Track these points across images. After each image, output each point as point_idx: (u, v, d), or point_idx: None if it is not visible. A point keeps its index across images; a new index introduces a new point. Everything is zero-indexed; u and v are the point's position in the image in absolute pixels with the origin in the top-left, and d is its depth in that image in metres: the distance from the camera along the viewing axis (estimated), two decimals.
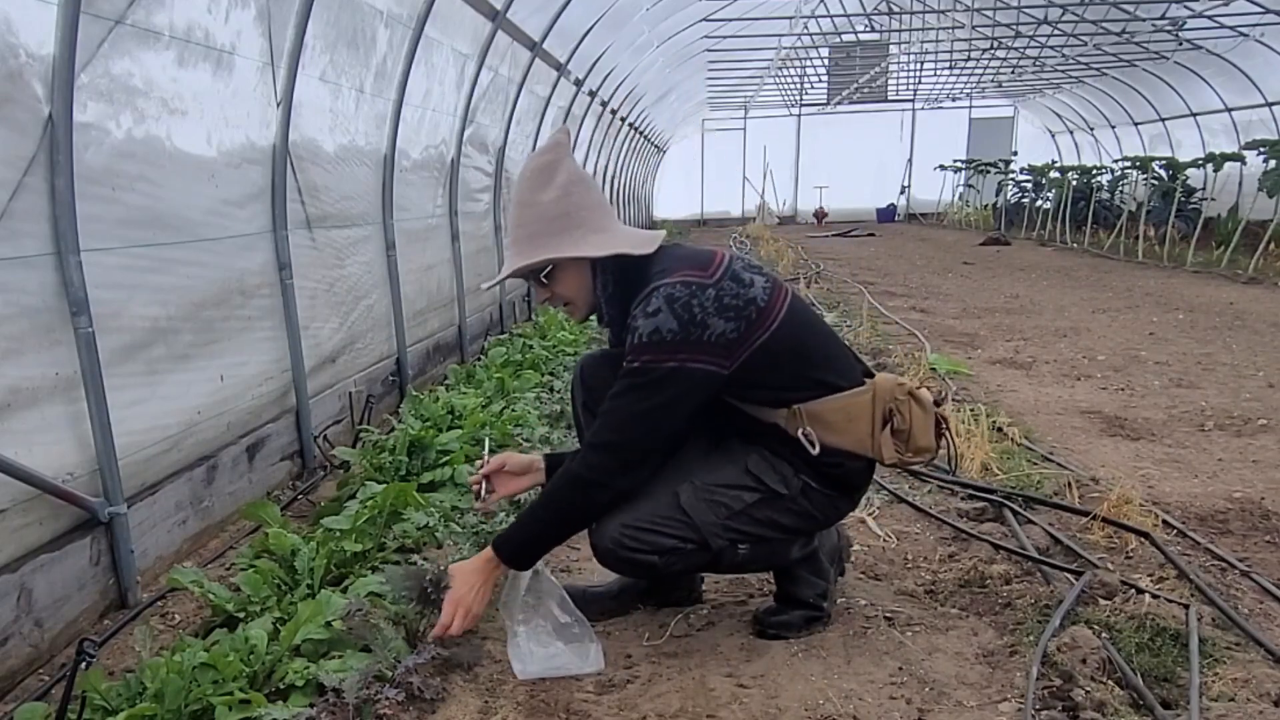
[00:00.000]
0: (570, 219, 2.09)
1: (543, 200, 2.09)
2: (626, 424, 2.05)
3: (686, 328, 1.98)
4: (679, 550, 2.11)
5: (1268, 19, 11.78)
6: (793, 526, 2.19)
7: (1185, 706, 1.92)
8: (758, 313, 2.05)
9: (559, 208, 2.09)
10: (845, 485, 2.22)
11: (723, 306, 2.01)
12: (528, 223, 2.11)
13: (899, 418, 2.13)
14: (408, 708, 1.97)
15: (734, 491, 2.13)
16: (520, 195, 2.12)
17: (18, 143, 2.23)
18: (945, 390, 4.81)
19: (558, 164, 2.12)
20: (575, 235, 2.09)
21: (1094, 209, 15.02)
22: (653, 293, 2.01)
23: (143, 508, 2.70)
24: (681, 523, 2.10)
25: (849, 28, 16.84)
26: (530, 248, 2.10)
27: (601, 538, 2.14)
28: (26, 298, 2.28)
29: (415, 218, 5.24)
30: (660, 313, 1.98)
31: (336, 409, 4.11)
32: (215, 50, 3.07)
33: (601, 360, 2.36)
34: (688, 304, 1.99)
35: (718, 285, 2.03)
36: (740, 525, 2.13)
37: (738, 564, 2.24)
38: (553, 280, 2.16)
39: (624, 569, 2.25)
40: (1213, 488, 3.41)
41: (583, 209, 2.10)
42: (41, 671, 2.26)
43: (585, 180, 2.14)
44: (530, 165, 2.15)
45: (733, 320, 2.02)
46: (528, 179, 2.12)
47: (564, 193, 2.09)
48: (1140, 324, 7.27)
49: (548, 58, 7.72)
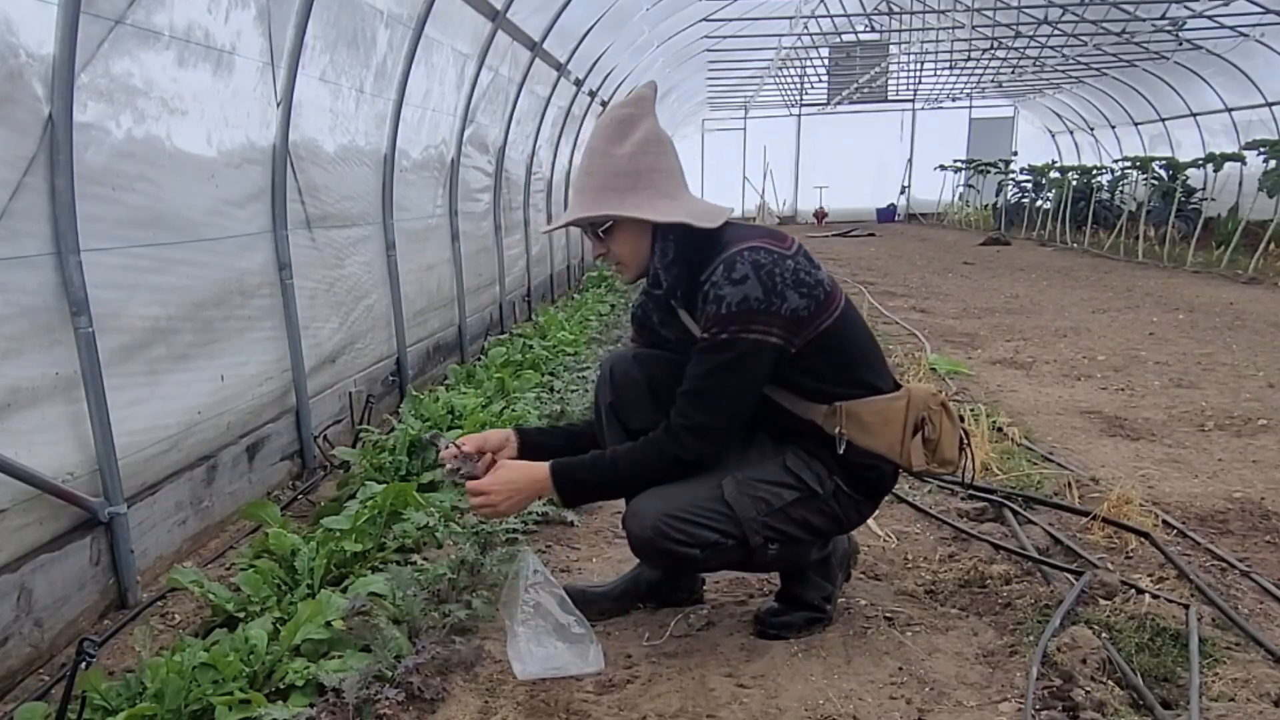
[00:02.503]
0: (640, 178, 2.03)
1: (616, 154, 2.03)
2: (720, 403, 2.02)
3: (769, 296, 1.95)
4: (719, 545, 2.07)
5: (1268, 19, 11.77)
6: (822, 528, 2.18)
7: (1185, 706, 1.92)
8: (825, 295, 2.05)
9: (631, 164, 2.03)
10: (873, 489, 2.21)
11: (799, 281, 1.99)
12: (596, 172, 2.05)
13: (930, 427, 2.13)
14: (408, 708, 1.97)
15: (775, 488, 2.10)
16: (594, 144, 2.07)
17: (18, 142, 2.23)
18: (945, 390, 4.81)
19: (638, 119, 2.06)
20: (642, 196, 2.03)
21: (1094, 209, 15.02)
22: (737, 257, 1.97)
23: (143, 508, 2.70)
24: (725, 516, 2.06)
25: (849, 28, 16.82)
26: (595, 200, 2.05)
27: (641, 526, 2.07)
28: (26, 297, 2.28)
29: (415, 218, 5.24)
30: (748, 280, 1.94)
31: (336, 409, 4.11)
32: (215, 50, 3.07)
33: (632, 361, 2.31)
34: (771, 271, 1.96)
35: (794, 259, 2.02)
36: (777, 523, 2.10)
37: (765, 563, 2.23)
38: (610, 237, 2.10)
39: (660, 560, 2.19)
40: (1213, 488, 3.41)
41: (655, 170, 2.05)
42: (41, 671, 2.26)
43: (663, 141, 2.08)
44: (610, 115, 2.08)
45: (806, 298, 2.00)
46: (605, 129, 2.06)
47: (639, 149, 2.03)
48: (1140, 324, 7.27)
49: (548, 58, 7.72)
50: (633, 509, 2.11)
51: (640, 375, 2.25)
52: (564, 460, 2.14)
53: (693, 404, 2.03)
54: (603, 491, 2.25)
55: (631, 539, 2.12)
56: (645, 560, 2.26)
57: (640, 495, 2.09)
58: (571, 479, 2.11)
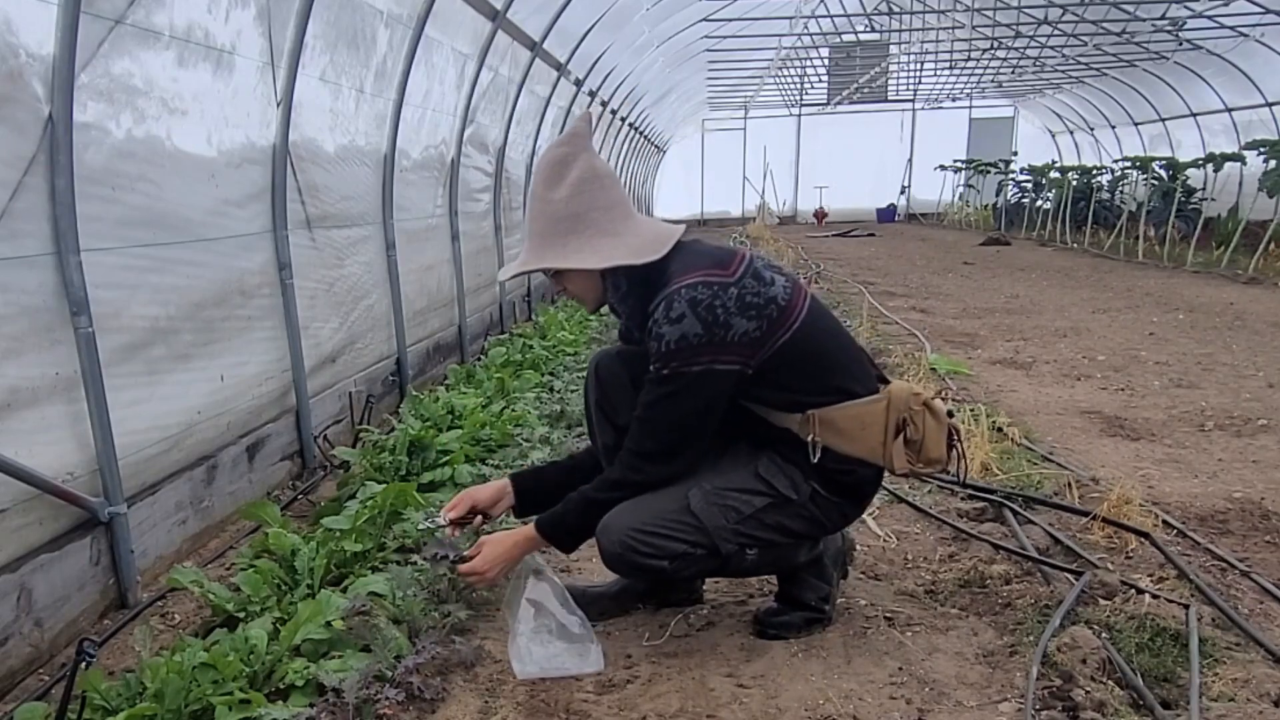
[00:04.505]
0: (579, 221, 2.04)
1: (553, 199, 2.04)
2: (664, 431, 2.07)
3: (710, 329, 1.96)
4: (688, 555, 2.10)
5: (1268, 19, 11.77)
6: (801, 532, 2.18)
7: (1185, 706, 1.92)
8: (779, 312, 2.03)
9: (569, 208, 2.04)
10: (854, 493, 2.20)
11: (745, 305, 1.99)
12: (538, 218, 2.07)
13: (912, 428, 2.11)
14: (408, 708, 1.97)
15: (744, 496, 2.11)
16: (534, 188, 2.09)
17: (18, 143, 2.23)
18: (946, 390, 4.81)
19: (573, 158, 2.05)
20: (583, 239, 2.04)
21: (1094, 209, 15.02)
22: (674, 296, 1.98)
23: (143, 507, 2.70)
24: (692, 527, 2.08)
25: (849, 28, 16.81)
26: (539, 249, 2.08)
27: (610, 542, 2.11)
28: (26, 297, 2.28)
29: (415, 218, 5.24)
30: (685, 318, 1.96)
31: (336, 409, 4.11)
32: (215, 50, 3.07)
33: (616, 358, 2.34)
34: (710, 305, 1.97)
35: (739, 284, 2.01)
36: (750, 530, 2.11)
37: (745, 569, 2.24)
38: (563, 278, 2.17)
39: (632, 573, 2.24)
40: (1213, 488, 3.41)
41: (594, 209, 2.04)
42: (41, 671, 2.26)
43: (600, 177, 2.06)
44: (545, 158, 2.09)
45: (755, 319, 2.00)
46: (543, 173, 2.07)
47: (575, 191, 2.03)
48: (1140, 324, 7.27)
49: (548, 58, 7.72)
50: (603, 524, 2.14)
51: (624, 372, 2.27)
52: (545, 516, 2.21)
53: (642, 430, 2.09)
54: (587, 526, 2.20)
55: (602, 554, 2.17)
56: (619, 574, 2.29)
57: (612, 511, 2.12)
58: (559, 527, 2.20)
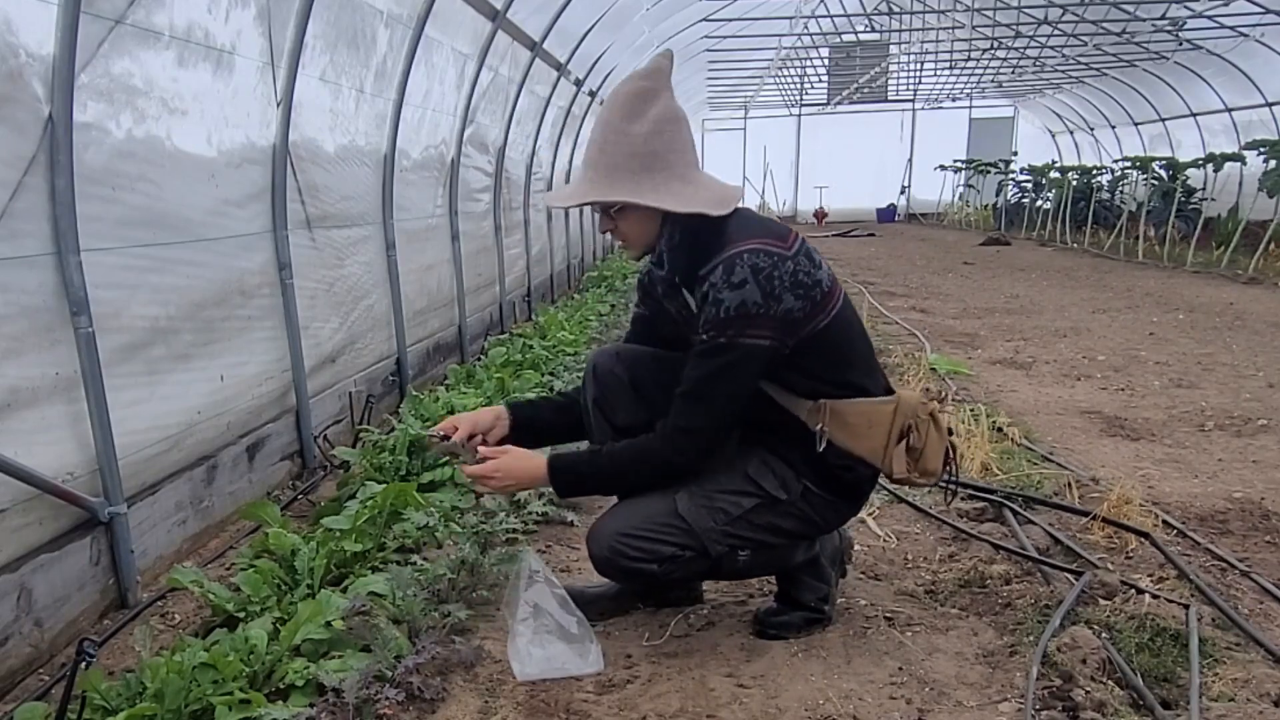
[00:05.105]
0: (656, 160, 1.97)
1: (632, 132, 1.96)
2: (714, 406, 2.01)
3: (767, 300, 1.92)
4: (678, 558, 2.09)
5: (1268, 19, 11.77)
6: (794, 531, 2.17)
7: (1185, 706, 1.92)
8: (822, 295, 2.02)
9: (647, 145, 1.96)
10: (850, 491, 2.20)
11: (797, 282, 1.96)
12: (611, 151, 1.98)
13: (915, 435, 2.11)
14: (408, 708, 1.97)
15: (733, 497, 2.11)
16: (609, 118, 1.99)
17: (18, 143, 2.22)
18: (945, 390, 4.81)
19: (655, 94, 1.98)
20: (658, 179, 1.97)
21: (1094, 209, 15.02)
22: (736, 259, 1.93)
23: (143, 507, 2.70)
24: (680, 529, 2.08)
25: (849, 28, 16.83)
26: (609, 182, 1.98)
27: (599, 546, 2.11)
28: (26, 297, 2.28)
29: (415, 218, 5.24)
30: (746, 284, 1.91)
31: (336, 409, 4.11)
32: (215, 50, 3.07)
33: (613, 358, 2.32)
34: (770, 275, 1.93)
35: (795, 259, 1.98)
36: (740, 531, 2.11)
37: (738, 570, 2.23)
38: (620, 217, 2.06)
39: (622, 577, 2.24)
40: (1213, 488, 3.41)
41: (671, 151, 1.99)
42: (41, 671, 2.26)
43: (679, 118, 2.01)
44: (625, 88, 2.00)
45: (802, 299, 1.97)
46: (621, 103, 1.98)
47: (655, 129, 1.96)
48: (1140, 324, 7.27)
49: (548, 58, 7.72)
50: (593, 530, 2.14)
51: (623, 372, 2.26)
52: (561, 455, 2.17)
53: (690, 406, 2.02)
54: (596, 486, 2.27)
55: (593, 559, 2.16)
56: (610, 579, 2.28)
57: (599, 518, 2.11)
58: (568, 473, 2.14)
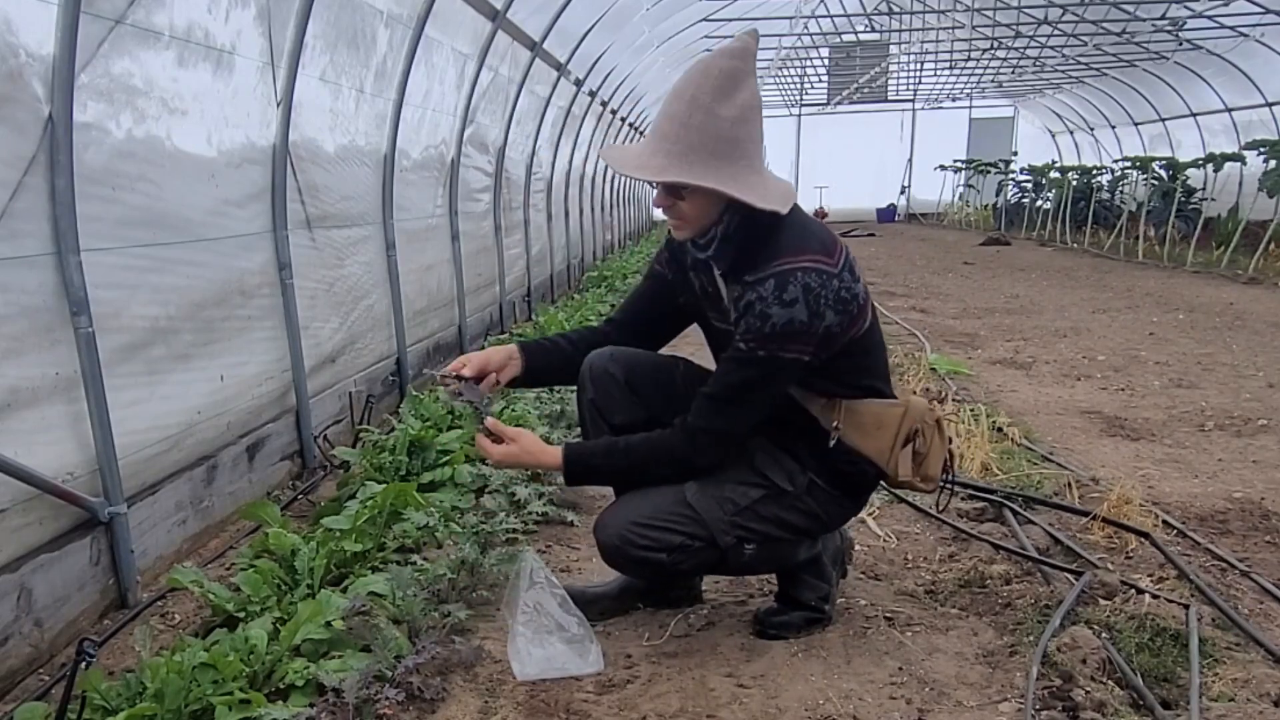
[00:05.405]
0: (737, 148, 1.91)
1: (720, 114, 1.89)
2: (744, 411, 2.02)
3: (812, 319, 1.92)
4: (686, 547, 2.10)
5: (1268, 19, 11.78)
6: (798, 525, 2.18)
7: (1185, 706, 1.92)
8: (858, 309, 2.03)
9: (734, 131, 1.90)
10: (854, 488, 2.22)
11: (839, 299, 1.96)
12: (697, 129, 1.89)
13: (921, 440, 2.14)
14: (408, 708, 1.97)
15: (741, 487, 2.12)
16: (696, 93, 1.89)
17: (18, 143, 2.22)
18: (945, 390, 4.81)
19: (743, 77, 1.92)
20: (738, 168, 1.91)
21: (1094, 209, 15.03)
22: (790, 276, 1.91)
23: (143, 507, 2.70)
24: (689, 519, 2.09)
25: (849, 28, 16.83)
26: (688, 163, 1.90)
27: (608, 535, 2.12)
28: (26, 297, 2.28)
29: (415, 218, 5.24)
30: (797, 303, 1.90)
31: (336, 409, 4.11)
32: (215, 50, 3.07)
33: (609, 358, 2.31)
34: (818, 295, 1.92)
35: (840, 276, 1.97)
36: (747, 522, 2.12)
37: (744, 564, 2.23)
38: (682, 195, 1.98)
39: (630, 568, 2.24)
40: (1213, 488, 3.41)
41: (751, 141, 1.94)
42: (41, 671, 2.26)
43: (760, 108, 1.96)
44: (715, 64, 1.91)
45: (841, 315, 1.98)
46: (710, 79, 1.89)
47: (742, 116, 1.90)
48: (1140, 324, 7.27)
49: (548, 58, 7.72)
50: (601, 520, 2.14)
51: (618, 372, 2.26)
52: (577, 445, 2.19)
53: (717, 409, 2.03)
54: (608, 479, 2.29)
55: (601, 549, 2.17)
56: (618, 569, 2.28)
57: (609, 507, 2.12)
58: (580, 462, 2.15)
